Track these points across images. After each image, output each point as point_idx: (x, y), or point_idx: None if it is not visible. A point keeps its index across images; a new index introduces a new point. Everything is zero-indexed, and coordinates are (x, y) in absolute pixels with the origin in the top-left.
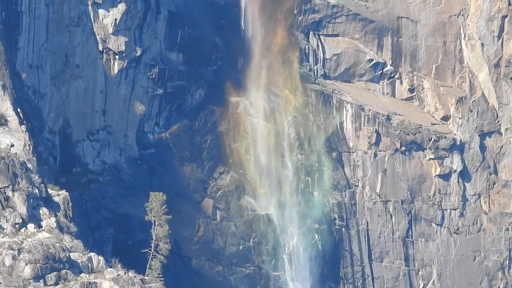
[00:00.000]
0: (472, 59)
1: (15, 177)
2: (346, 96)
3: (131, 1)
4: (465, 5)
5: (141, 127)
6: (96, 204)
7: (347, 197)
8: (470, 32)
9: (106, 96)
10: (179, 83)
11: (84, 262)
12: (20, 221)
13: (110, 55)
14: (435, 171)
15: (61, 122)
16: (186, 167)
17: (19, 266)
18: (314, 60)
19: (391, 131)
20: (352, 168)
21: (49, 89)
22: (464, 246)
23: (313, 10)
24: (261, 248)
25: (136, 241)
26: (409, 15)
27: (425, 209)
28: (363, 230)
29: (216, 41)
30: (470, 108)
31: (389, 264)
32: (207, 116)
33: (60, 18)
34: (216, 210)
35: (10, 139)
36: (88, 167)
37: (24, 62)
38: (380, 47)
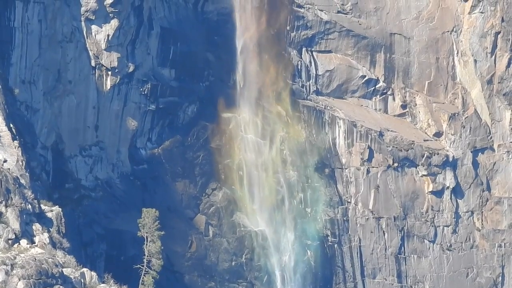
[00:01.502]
0: (465, 75)
1: (8, 193)
2: (339, 112)
3: (124, 17)
4: (458, 22)
5: (133, 142)
6: (88, 220)
7: (340, 214)
8: (463, 49)
9: (98, 111)
10: (171, 99)
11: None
12: (13, 237)
13: (103, 71)
14: (427, 187)
15: (53, 137)
16: (178, 183)
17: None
18: (307, 76)
19: (383, 147)
20: (345, 185)
21: (41, 105)
22: (457, 262)
23: (306, 26)
24: (254, 264)
25: (128, 257)
26: (402, 32)
27: (417, 225)
28: (356, 246)
29: (209, 57)
30: (462, 125)
31: (381, 281)
32: (200, 132)
33: (53, 34)
34: (208, 226)
35: (3, 155)
36: (81, 182)
37: (17, 77)
38: (373, 64)
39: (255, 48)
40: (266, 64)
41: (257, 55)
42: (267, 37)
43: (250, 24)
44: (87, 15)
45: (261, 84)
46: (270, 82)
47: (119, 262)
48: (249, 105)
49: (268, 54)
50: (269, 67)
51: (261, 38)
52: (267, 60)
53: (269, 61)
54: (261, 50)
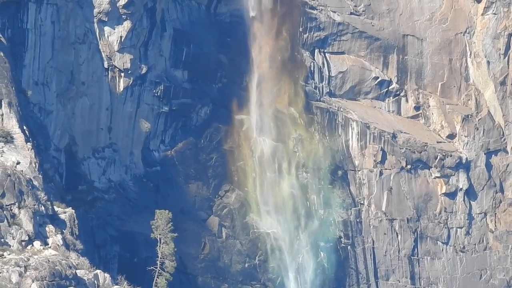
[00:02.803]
0: (478, 76)
1: (21, 195)
2: (352, 114)
3: (137, 19)
4: (471, 23)
5: (146, 144)
6: (101, 221)
7: (353, 215)
8: (476, 50)
9: (111, 113)
10: (184, 100)
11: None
12: (26, 239)
13: (116, 73)
14: (441, 189)
15: (66, 139)
16: (191, 185)
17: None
18: (320, 77)
19: (396, 149)
20: (358, 186)
21: (54, 107)
22: (470, 264)
23: (319, 27)
24: (267, 266)
25: (141, 259)
26: (415, 33)
27: (431, 227)
28: (369, 248)
29: (221, 58)
30: (476, 126)
31: (395, 283)
32: (213, 134)
33: (66, 36)
34: (221, 228)
35: (16, 157)
36: (94, 184)
37: (30, 79)
38: (386, 65)
39: (268, 50)
40: (279, 66)
41: (270, 57)
42: (280, 39)
43: (263, 25)
44: (100, 16)
45: (274, 86)
46: (283, 84)
47: (132, 264)
48: (262, 107)
49: (281, 56)
50: (282, 68)
51: (274, 40)
52: (280, 62)
53: (282, 63)
54: (274, 52)
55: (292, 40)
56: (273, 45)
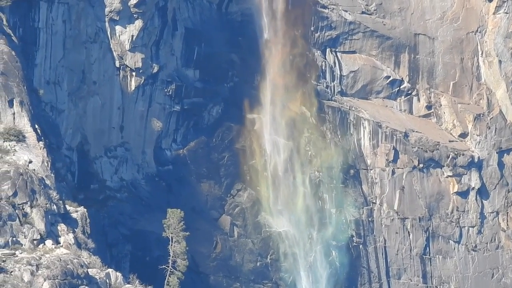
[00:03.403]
0: (489, 76)
1: (34, 194)
2: (363, 113)
3: (148, 18)
4: (483, 22)
5: (158, 143)
6: (113, 220)
7: (365, 214)
8: (487, 49)
9: (123, 112)
10: (196, 99)
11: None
12: (38, 237)
13: (127, 72)
14: (453, 188)
15: (78, 138)
16: (203, 184)
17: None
18: (331, 77)
19: (408, 148)
20: (370, 185)
21: (66, 106)
22: (482, 263)
23: (330, 26)
24: (279, 264)
25: (153, 258)
26: (426, 32)
27: (443, 226)
28: (381, 247)
29: (233, 58)
30: (488, 125)
31: (406, 281)
32: (224, 133)
33: (77, 35)
34: (233, 227)
35: (28, 156)
36: (106, 183)
37: (41, 78)
38: (397, 64)
39: (279, 49)
40: (291, 65)
41: (281, 56)
42: (292, 38)
43: (274, 25)
44: (111, 15)
45: (285, 85)
46: (294, 83)
47: (144, 262)
48: (274, 106)
49: (292, 55)
50: (293, 68)
51: (285, 39)
52: (291, 61)
53: (294, 62)
54: (285, 51)
55: (303, 39)
56: (285, 44)
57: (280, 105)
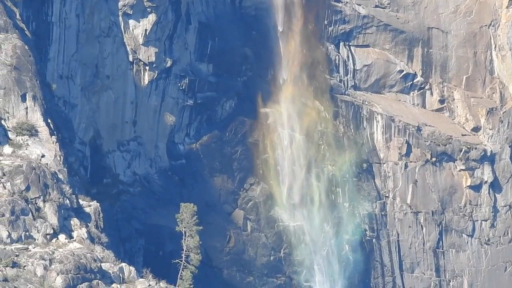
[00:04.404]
0: (502, 70)
1: (46, 188)
2: (377, 107)
3: (162, 12)
4: (496, 16)
5: (171, 138)
6: (126, 215)
7: (378, 208)
8: (500, 43)
9: (136, 107)
10: (209, 94)
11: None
12: (51, 232)
13: (140, 66)
14: (465, 182)
15: (91, 133)
16: (216, 178)
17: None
18: (344, 71)
19: (421, 142)
20: (383, 179)
21: (79, 100)
22: (495, 257)
23: (344, 20)
24: (292, 258)
25: (166, 252)
26: (440, 26)
27: (455, 220)
28: (394, 241)
29: (246, 52)
30: (500, 119)
31: (420, 275)
32: (237, 127)
33: (91, 29)
34: (246, 221)
35: (41, 150)
36: (119, 178)
37: (54, 72)
38: (411, 58)
39: (293, 43)
40: (304, 59)
41: (295, 50)
42: (305, 32)
43: (289, 19)
44: (125, 9)
45: (299, 79)
46: (308, 77)
47: (158, 257)
48: (288, 100)
49: (306, 49)
50: (307, 62)
51: (299, 33)
52: (305, 55)
53: (307, 56)
54: (299, 45)
55: (317, 33)
56: (299, 38)
57: (294, 99)
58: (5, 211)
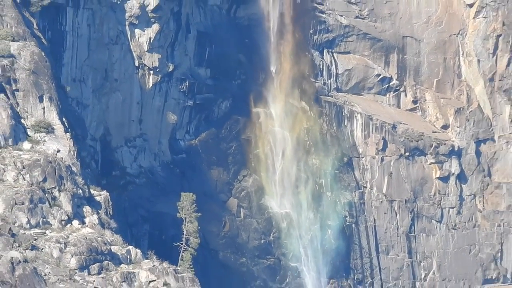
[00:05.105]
0: (469, 74)
1: (61, 179)
2: (356, 107)
3: (164, 22)
4: (464, 25)
5: (173, 134)
6: (133, 203)
7: (357, 197)
8: (467, 50)
9: (142, 107)
10: (207, 95)
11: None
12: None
13: (145, 70)
14: (435, 174)
15: (101, 130)
16: (213, 171)
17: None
18: (328, 75)
19: (396, 138)
20: (362, 171)
21: (90, 101)
22: (460, 240)
23: (327, 30)
24: (280, 242)
25: (169, 236)
26: (413, 35)
27: (426, 207)
28: (371, 226)
29: (240, 58)
30: (467, 118)
31: (394, 256)
32: (232, 125)
33: (100, 37)
34: (240, 208)
35: (57, 145)
36: (126, 170)
37: (68, 76)
38: (387, 63)
39: (282, 50)
40: (292, 64)
41: (284, 56)
42: (293, 40)
43: (278, 28)
44: (131, 20)
45: (287, 82)
46: (295, 80)
47: (161, 240)
48: (277, 101)
49: (294, 55)
50: (294, 67)
51: (288, 41)
52: (293, 61)
53: (295, 62)
54: (288, 51)
55: (303, 41)
56: (287, 45)
57: (282, 100)
58: (24, 199)
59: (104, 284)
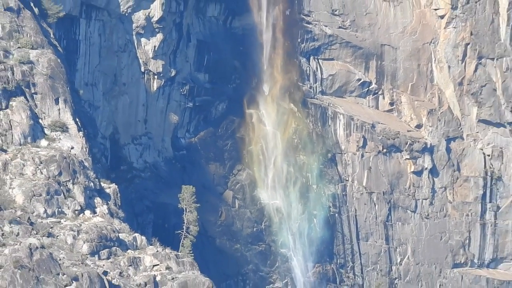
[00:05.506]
0: (440, 78)
1: (75, 173)
2: (339, 109)
3: (167, 32)
4: (436, 35)
5: (175, 133)
6: (139, 195)
7: (340, 189)
8: (439, 57)
9: (147, 108)
10: (205, 98)
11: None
12: (79, 208)
13: (150, 75)
14: (410, 168)
15: (111, 129)
16: (211, 165)
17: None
18: (314, 79)
19: (375, 136)
20: (344, 166)
21: (101, 103)
22: (433, 228)
23: (313, 39)
24: (271, 230)
25: (171, 225)
26: (390, 43)
27: (402, 199)
28: (352, 215)
29: (235, 64)
30: (438, 118)
31: (373, 243)
32: (228, 125)
33: (110, 45)
34: (235, 200)
35: (71, 143)
36: (133, 165)
37: (81, 81)
38: (367, 69)
39: (273, 57)
40: (282, 70)
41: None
42: (283, 48)
43: (269, 37)
44: (138, 30)
45: (278, 86)
46: (284, 85)
47: (164, 228)
48: (268, 103)
49: (283, 62)
50: (284, 72)
51: (277, 49)
52: (282, 67)
53: (284, 68)
54: (277, 58)
55: (292, 49)
56: (277, 53)
57: (273, 102)
58: (42, 191)
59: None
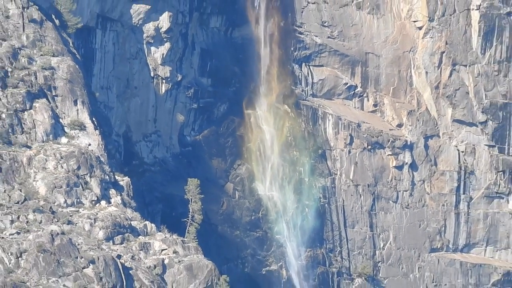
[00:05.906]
0: (419, 83)
1: (92, 167)
2: (328, 110)
3: (174, 41)
4: (415, 44)
5: (181, 131)
6: (149, 187)
7: (329, 182)
8: (418, 63)
9: (156, 109)
10: (208, 100)
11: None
12: (95, 199)
13: (159, 80)
14: (392, 163)
15: (124, 128)
16: (214, 161)
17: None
18: (305, 83)
19: (361, 134)
20: (333, 161)
21: (115, 104)
22: (412, 217)
23: (305, 47)
24: (267, 218)
25: (178, 213)
26: (374, 51)
27: (384, 190)
28: (340, 205)
29: (235, 69)
30: (417, 118)
31: (358, 230)
32: (229, 124)
33: (123, 53)
34: (235, 191)
35: (88, 140)
36: (144, 160)
37: (97, 84)
38: (353, 74)
39: (269, 63)
40: (277, 75)
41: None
42: (278, 55)
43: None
44: (148, 39)
45: (273, 89)
46: (279, 88)
47: (171, 217)
48: (265, 105)
49: (278, 68)
50: (279, 77)
51: (273, 56)
52: (277, 72)
53: (279, 73)
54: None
55: (286, 57)
56: (273, 60)
57: (269, 104)
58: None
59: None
